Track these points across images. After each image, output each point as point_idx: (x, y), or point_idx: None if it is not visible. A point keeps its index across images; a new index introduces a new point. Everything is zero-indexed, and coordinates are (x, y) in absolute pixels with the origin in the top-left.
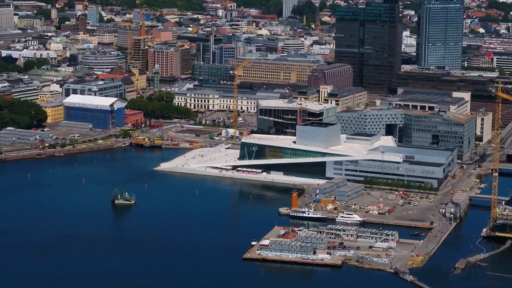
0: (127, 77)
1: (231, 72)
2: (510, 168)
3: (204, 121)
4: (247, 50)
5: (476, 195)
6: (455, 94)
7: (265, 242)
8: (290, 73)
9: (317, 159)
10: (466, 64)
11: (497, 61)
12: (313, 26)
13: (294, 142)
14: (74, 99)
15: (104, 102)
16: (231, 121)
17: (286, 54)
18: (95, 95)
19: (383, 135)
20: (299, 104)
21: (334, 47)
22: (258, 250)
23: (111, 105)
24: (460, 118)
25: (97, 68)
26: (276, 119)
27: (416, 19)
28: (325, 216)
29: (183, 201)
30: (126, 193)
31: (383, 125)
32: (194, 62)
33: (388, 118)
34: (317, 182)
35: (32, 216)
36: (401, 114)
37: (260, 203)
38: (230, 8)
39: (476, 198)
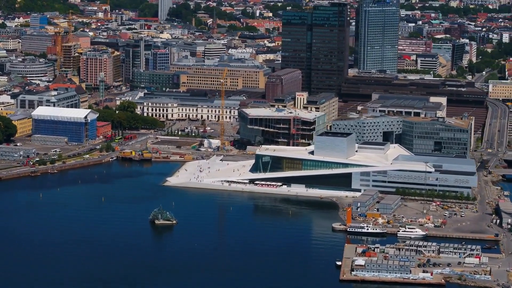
0: (80, 86)
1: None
2: None
3: (177, 131)
4: (181, 56)
5: None
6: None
7: (360, 262)
8: (237, 79)
9: (343, 170)
10: None
11: (421, 63)
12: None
13: (311, 153)
14: (44, 111)
15: (77, 114)
16: (201, 130)
17: (215, 59)
18: (54, 106)
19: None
20: (291, 112)
21: (252, 51)
22: (353, 270)
23: (85, 117)
24: (461, 124)
25: (29, 76)
26: (266, 129)
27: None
28: (385, 231)
29: (223, 219)
30: (167, 213)
31: (380, 132)
32: (134, 69)
33: (386, 125)
34: (346, 195)
35: (76, 240)
36: (398, 121)
37: (304, 218)
38: (110, 11)
39: None
